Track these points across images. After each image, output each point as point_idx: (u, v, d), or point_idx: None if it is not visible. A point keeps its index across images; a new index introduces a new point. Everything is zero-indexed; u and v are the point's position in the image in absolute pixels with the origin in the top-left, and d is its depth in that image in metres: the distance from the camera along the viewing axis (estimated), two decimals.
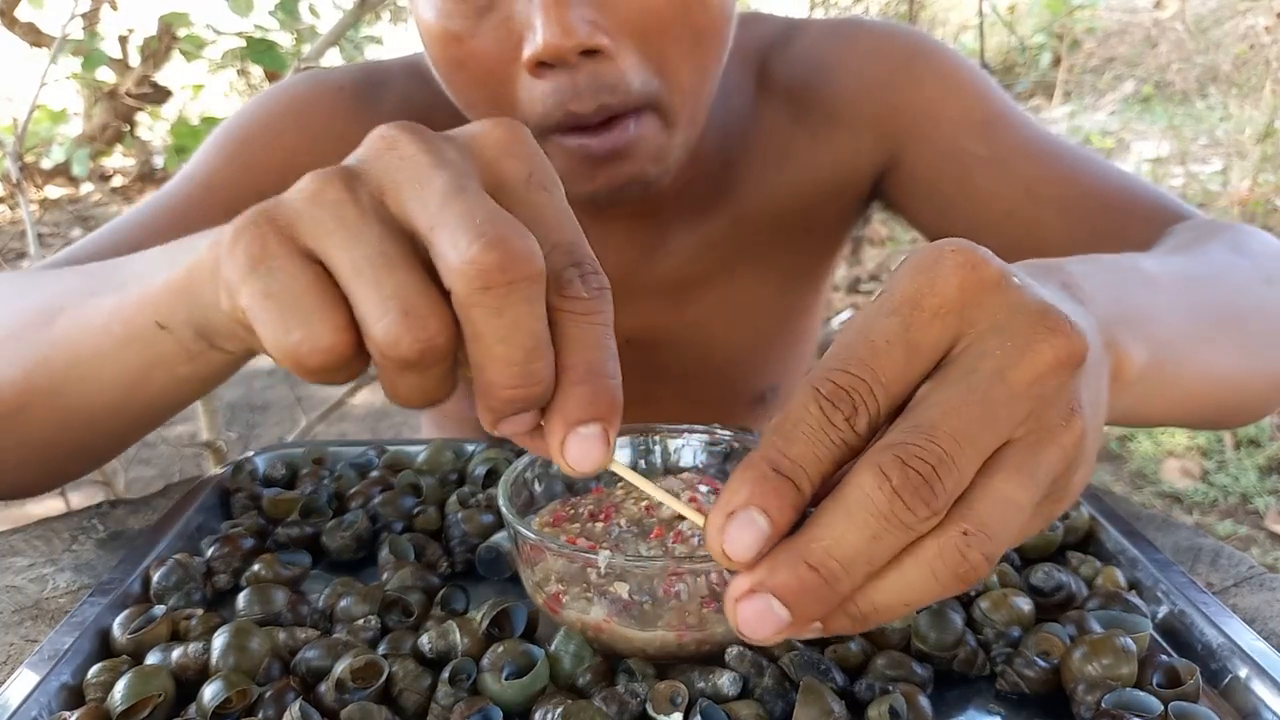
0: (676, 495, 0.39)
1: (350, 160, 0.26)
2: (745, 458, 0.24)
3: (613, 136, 0.46)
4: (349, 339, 0.24)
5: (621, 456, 0.44)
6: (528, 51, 0.43)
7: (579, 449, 0.25)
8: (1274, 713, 0.33)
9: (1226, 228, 0.51)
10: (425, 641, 0.36)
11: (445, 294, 0.24)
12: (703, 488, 0.40)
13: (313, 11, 1.32)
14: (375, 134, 0.26)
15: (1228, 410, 0.45)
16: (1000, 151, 0.57)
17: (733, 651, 0.33)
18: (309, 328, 0.24)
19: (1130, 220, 0.54)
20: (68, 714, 0.32)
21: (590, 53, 0.43)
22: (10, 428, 0.41)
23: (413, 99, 0.59)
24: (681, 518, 0.38)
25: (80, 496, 1.44)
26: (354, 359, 0.25)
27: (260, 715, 0.32)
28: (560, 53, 0.42)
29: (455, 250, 0.23)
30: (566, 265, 0.25)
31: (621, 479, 0.30)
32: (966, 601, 0.38)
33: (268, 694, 0.33)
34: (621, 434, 0.44)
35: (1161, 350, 0.33)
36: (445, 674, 0.33)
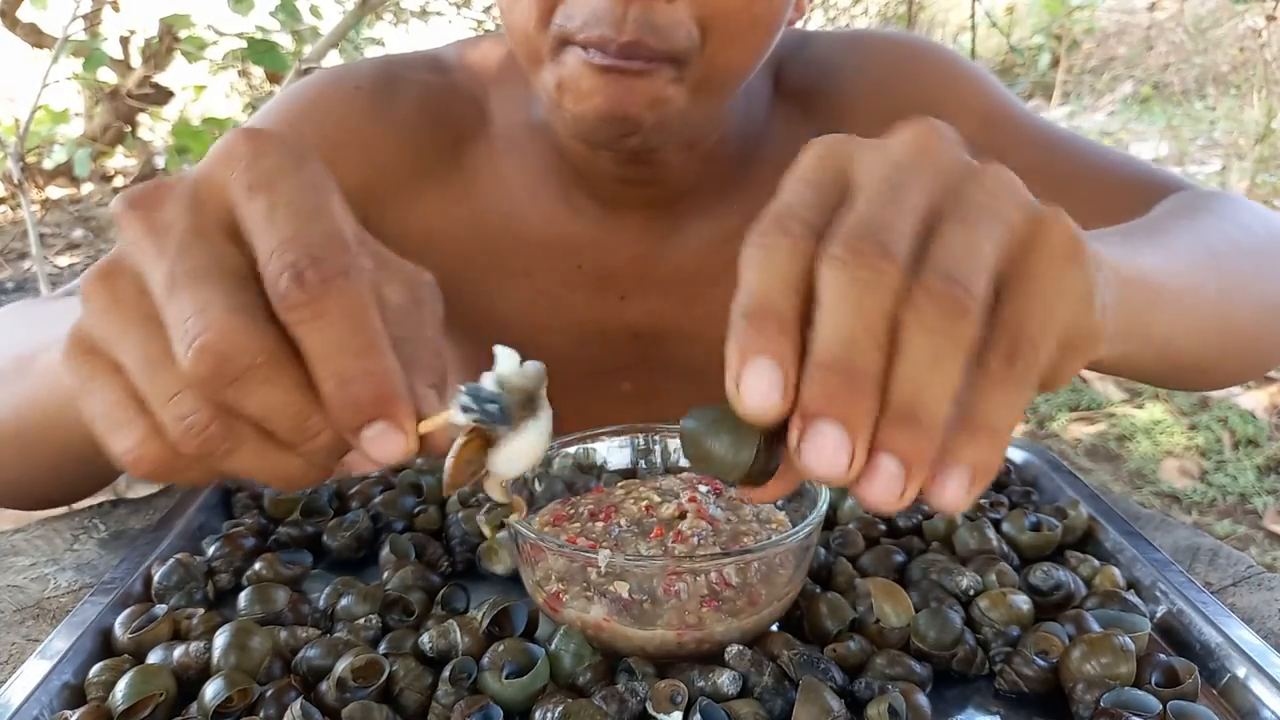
0: (676, 495, 0.40)
1: (110, 255, 0.26)
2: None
3: (630, 62, 0.45)
4: (161, 443, 0.25)
5: (621, 455, 0.44)
6: None
7: (377, 449, 0.25)
8: (1272, 711, 0.33)
9: (1214, 194, 0.53)
10: (426, 640, 0.36)
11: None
12: (702, 487, 0.40)
13: (314, 12, 1.32)
14: (112, 213, 0.26)
15: (1232, 341, 0.45)
16: (998, 141, 0.59)
17: (732, 650, 0.33)
18: (125, 439, 0.25)
19: (1125, 197, 0.55)
20: (69, 713, 0.33)
21: None
22: (12, 453, 0.41)
23: (430, 97, 0.59)
24: (681, 517, 0.38)
25: None
26: (180, 458, 0.25)
27: (261, 714, 0.32)
28: None
29: (178, 356, 0.24)
30: (280, 273, 0.24)
31: (621, 480, 0.30)
32: (966, 601, 0.39)
33: (269, 693, 0.33)
34: (622, 433, 0.44)
35: (1138, 261, 0.35)
36: (446, 673, 0.34)
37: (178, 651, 0.35)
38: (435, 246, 0.61)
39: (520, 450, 0.26)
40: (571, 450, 0.43)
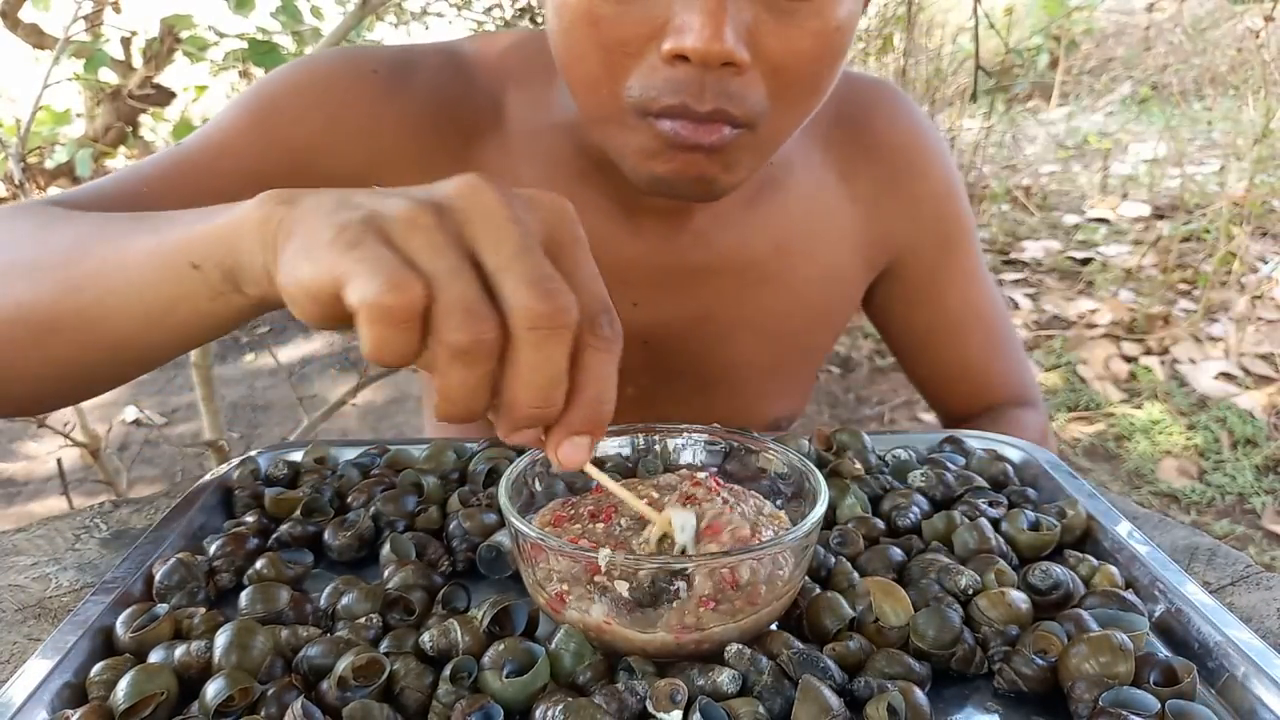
0: (674, 488, 0.40)
1: (441, 193, 0.32)
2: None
3: (711, 133, 0.47)
4: (422, 295, 0.29)
5: (622, 455, 0.44)
6: (672, 43, 0.45)
7: (570, 451, 0.32)
8: (1270, 710, 0.33)
9: (1033, 419, 0.70)
10: (426, 639, 0.36)
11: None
12: (700, 474, 0.40)
13: (315, 13, 1.32)
14: (464, 180, 0.32)
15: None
16: (951, 264, 0.69)
17: (732, 649, 0.34)
18: (395, 276, 0.29)
19: (986, 393, 0.71)
20: (70, 712, 0.33)
21: (727, 64, 0.45)
22: (37, 348, 0.43)
23: (445, 88, 0.59)
24: (689, 498, 0.38)
25: (83, 496, 1.44)
26: (419, 320, 0.29)
27: (262, 713, 0.32)
28: (708, 56, 0.44)
29: (517, 294, 0.30)
30: (599, 311, 0.32)
31: (621, 480, 0.30)
32: (964, 600, 0.39)
33: (270, 692, 0.33)
34: (622, 433, 0.44)
35: None
36: (446, 672, 0.34)
37: (179, 651, 0.35)
38: None
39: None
40: None
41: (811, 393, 0.77)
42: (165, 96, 1.95)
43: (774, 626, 0.37)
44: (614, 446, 0.44)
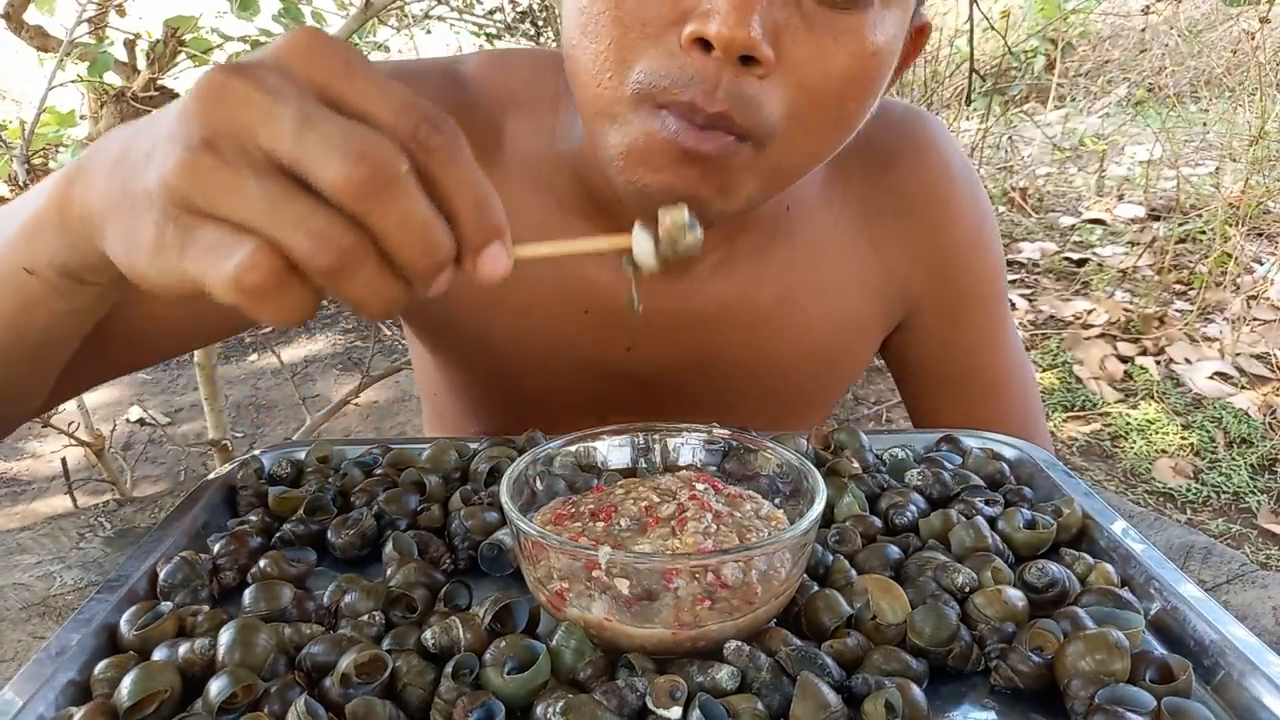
0: (674, 493, 0.40)
1: (200, 126, 0.29)
2: None
3: (712, 140, 0.43)
4: (275, 256, 0.28)
5: (622, 454, 0.44)
6: (695, 26, 0.41)
7: (488, 265, 0.31)
8: (1266, 708, 0.33)
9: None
10: (429, 637, 0.36)
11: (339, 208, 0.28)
12: (700, 485, 0.41)
13: (317, 17, 1.32)
14: (202, 87, 0.29)
15: None
16: (964, 282, 0.64)
17: (731, 646, 0.34)
18: (236, 256, 0.28)
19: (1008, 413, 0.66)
20: (74, 710, 0.33)
21: (748, 61, 0.41)
22: None
23: (443, 107, 0.58)
24: (681, 513, 0.38)
25: (87, 495, 1.44)
26: (289, 275, 0.28)
27: (266, 710, 0.33)
28: (733, 44, 0.40)
29: (327, 173, 0.27)
30: (416, 124, 0.29)
31: (621, 480, 0.30)
32: (961, 598, 0.39)
33: (273, 689, 0.33)
34: (621, 433, 0.44)
35: None
36: (448, 669, 0.34)
37: (183, 648, 0.35)
38: None
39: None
40: (572, 449, 0.43)
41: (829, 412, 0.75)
42: (169, 98, 1.95)
43: (773, 624, 0.37)
44: (614, 446, 0.44)
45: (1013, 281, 2.63)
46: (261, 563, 0.42)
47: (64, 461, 1.33)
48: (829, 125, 0.45)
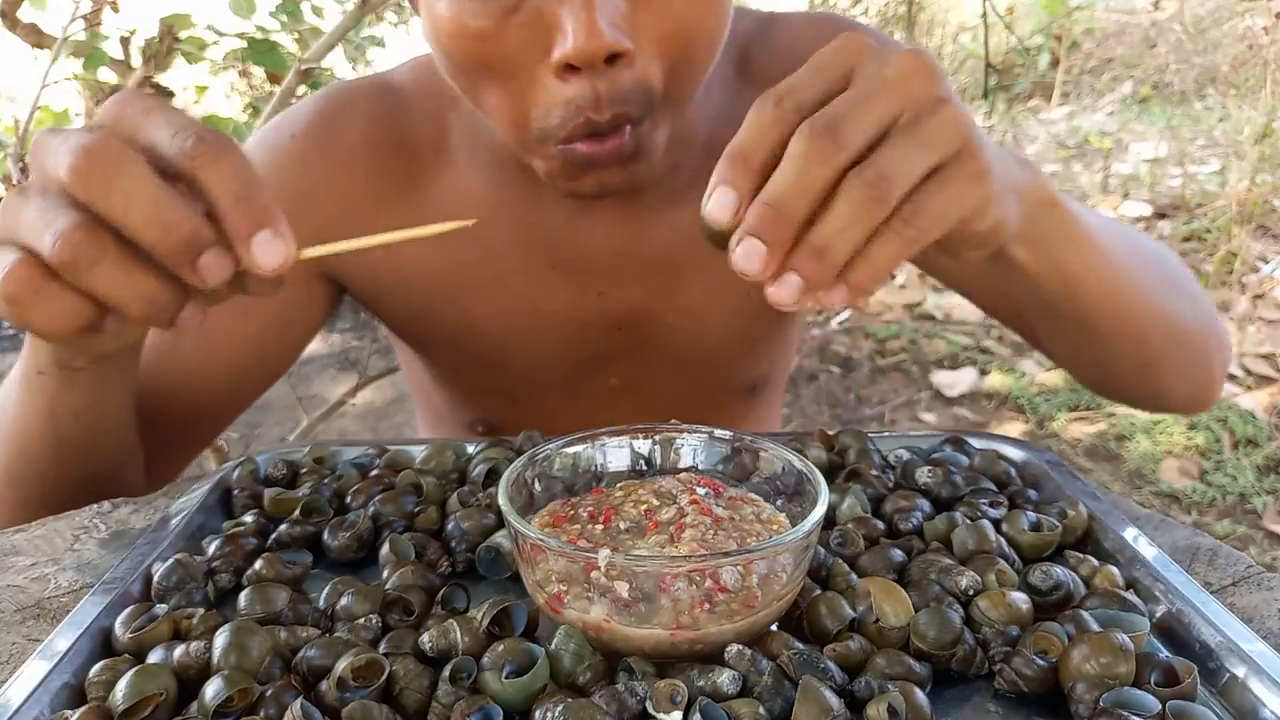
0: (675, 497, 0.40)
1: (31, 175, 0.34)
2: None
3: (617, 144, 0.47)
4: (32, 265, 0.32)
5: (621, 456, 0.44)
6: (557, 54, 0.44)
7: (263, 254, 0.32)
8: (1272, 712, 0.33)
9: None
10: (426, 640, 0.36)
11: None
12: (700, 489, 0.40)
13: (316, 12, 1.32)
14: (33, 145, 0.34)
15: (1128, 320, 0.51)
16: None
17: (732, 650, 0.33)
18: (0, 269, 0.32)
19: None
20: (69, 713, 0.33)
21: (614, 57, 0.44)
22: None
23: (380, 122, 0.59)
24: (680, 517, 0.38)
25: None
26: (46, 284, 0.32)
27: (261, 714, 0.32)
28: (590, 57, 0.43)
29: (64, 174, 0.31)
30: (183, 139, 0.32)
31: (620, 482, 0.30)
32: (965, 601, 0.39)
33: (269, 693, 0.33)
34: (621, 433, 0.44)
35: (1071, 205, 0.45)
36: (446, 672, 0.34)
37: (178, 651, 0.35)
38: (404, 269, 0.60)
39: None
40: (571, 451, 0.43)
41: (795, 347, 0.75)
42: (164, 96, 1.95)
43: (774, 627, 0.36)
44: (613, 448, 0.44)
45: None
46: (257, 565, 0.42)
47: None
48: (705, 47, 0.48)
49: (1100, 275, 0.47)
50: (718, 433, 0.44)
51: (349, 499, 0.48)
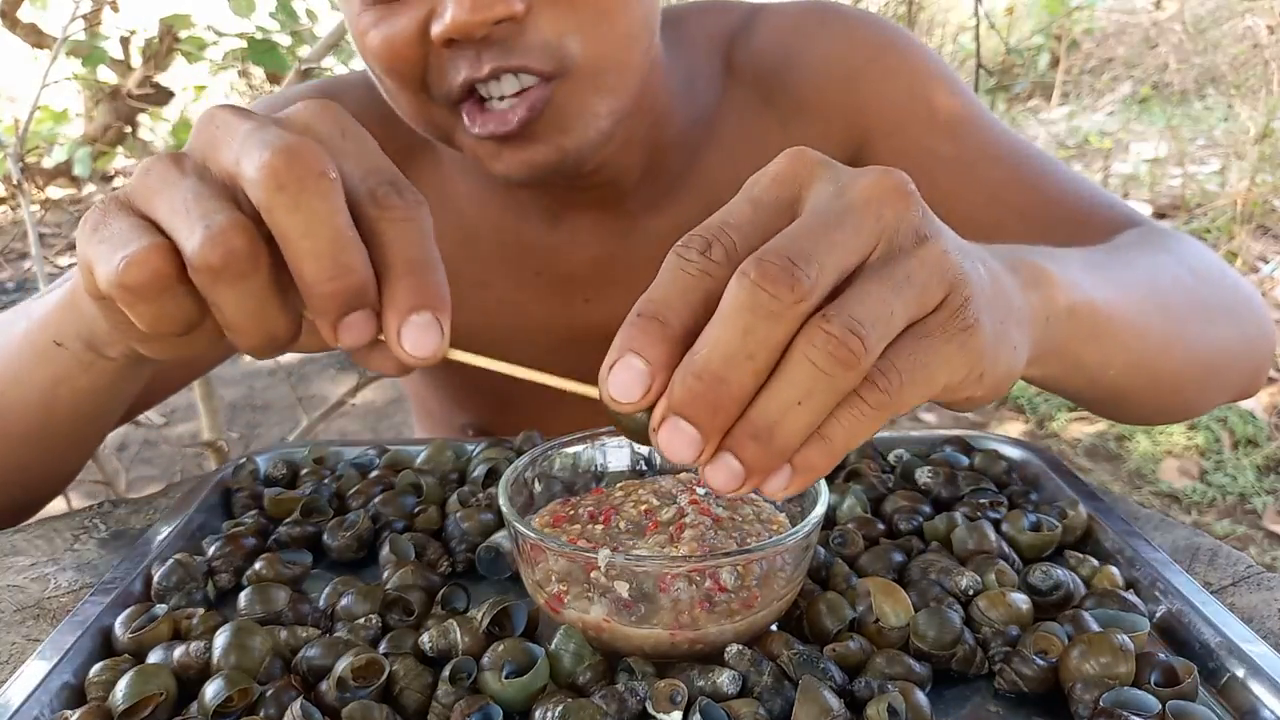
0: (674, 498, 0.40)
1: (179, 149, 0.30)
2: None
3: (517, 112, 0.45)
4: (165, 256, 0.27)
5: (621, 456, 0.44)
6: (435, 29, 0.43)
7: (413, 337, 0.27)
8: (1271, 711, 0.33)
9: (1170, 235, 0.53)
10: (426, 640, 0.36)
11: (254, 217, 0.27)
12: (700, 489, 0.40)
13: (310, 15, 1.32)
14: (200, 117, 0.30)
15: (1161, 383, 0.46)
16: (966, 153, 0.57)
17: (732, 650, 0.33)
18: (127, 249, 0.27)
19: (1088, 230, 0.55)
20: (69, 713, 0.33)
21: (501, 21, 0.43)
22: None
23: (369, 115, 0.59)
24: (680, 517, 0.38)
25: (81, 496, 1.44)
26: (174, 282, 0.27)
27: (261, 714, 0.32)
28: (467, 27, 0.42)
29: (250, 167, 0.26)
30: (380, 183, 0.28)
31: (620, 482, 0.30)
32: (965, 601, 0.39)
33: (269, 693, 0.33)
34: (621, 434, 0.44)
35: (1091, 293, 0.37)
36: (446, 672, 0.34)
37: (178, 651, 0.35)
38: None
39: None
40: (571, 451, 0.43)
41: None
42: (164, 96, 1.95)
43: (774, 627, 0.36)
44: (613, 448, 0.44)
45: None
46: (257, 565, 0.42)
47: None
48: (609, 11, 0.46)
49: (1126, 355, 0.41)
50: None
51: (349, 499, 0.48)
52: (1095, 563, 0.42)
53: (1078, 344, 0.36)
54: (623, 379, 0.25)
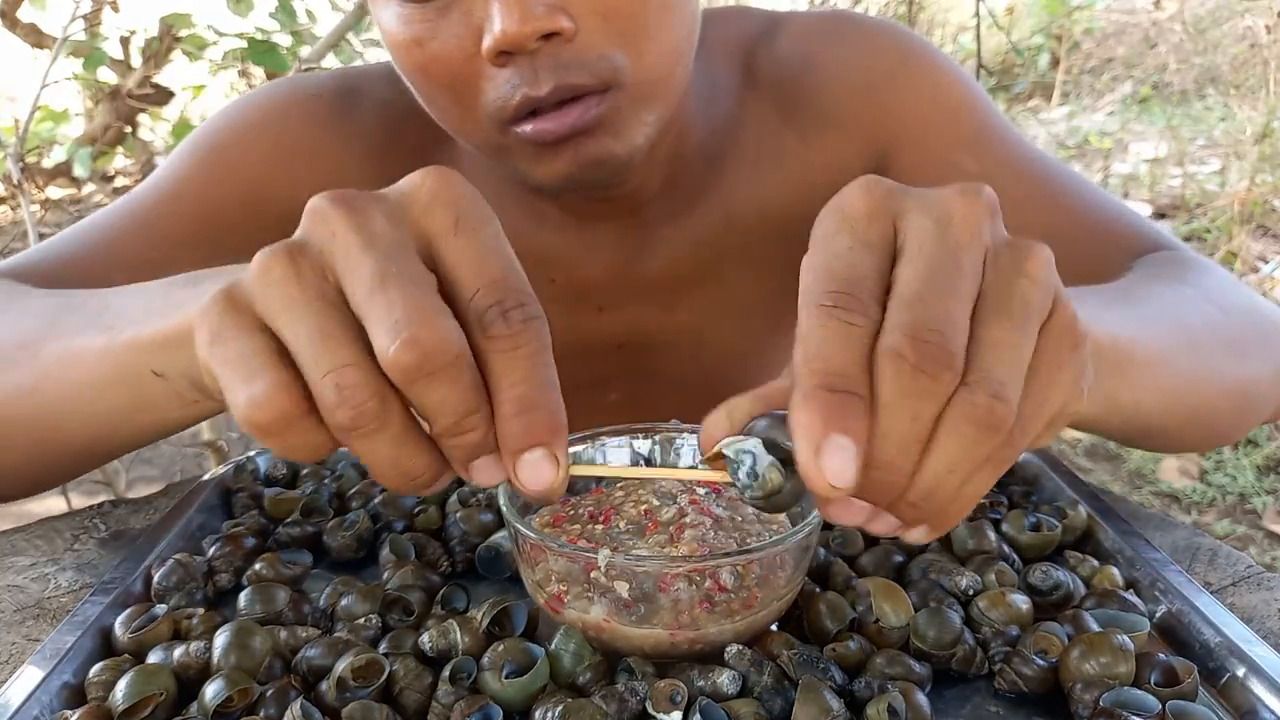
0: (674, 496, 0.40)
1: (296, 235, 0.28)
2: (796, 389, 0.25)
3: (570, 116, 0.45)
4: (293, 396, 0.26)
5: (620, 456, 0.44)
6: (486, 42, 0.43)
7: (528, 473, 0.27)
8: (1271, 711, 0.33)
9: (1194, 262, 0.52)
10: (426, 640, 0.36)
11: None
12: (700, 489, 0.40)
13: (309, 15, 1.32)
14: (310, 207, 0.28)
15: (1195, 416, 0.46)
16: (988, 167, 0.57)
17: (732, 650, 0.33)
18: (255, 385, 0.26)
19: (1110, 249, 0.54)
20: (69, 713, 0.33)
21: (550, 36, 0.43)
22: None
23: (390, 106, 0.58)
24: (681, 517, 0.38)
25: (82, 496, 1.44)
26: (302, 418, 0.27)
27: (261, 714, 0.32)
28: (518, 40, 0.42)
29: (380, 345, 0.26)
30: (488, 307, 0.27)
31: (621, 482, 0.30)
32: (965, 601, 0.39)
33: (269, 693, 0.33)
34: (620, 434, 0.44)
35: (1113, 329, 0.36)
36: (446, 672, 0.34)
37: (178, 651, 0.35)
38: None
39: None
40: (572, 451, 0.43)
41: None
42: (164, 96, 1.95)
43: (774, 627, 0.36)
44: (614, 448, 0.44)
45: None
46: (257, 565, 0.42)
47: None
48: (657, 17, 0.46)
49: (1156, 390, 0.40)
50: None
51: (349, 499, 0.48)
52: (1095, 563, 0.42)
53: (1108, 382, 0.36)
54: (838, 464, 0.24)
